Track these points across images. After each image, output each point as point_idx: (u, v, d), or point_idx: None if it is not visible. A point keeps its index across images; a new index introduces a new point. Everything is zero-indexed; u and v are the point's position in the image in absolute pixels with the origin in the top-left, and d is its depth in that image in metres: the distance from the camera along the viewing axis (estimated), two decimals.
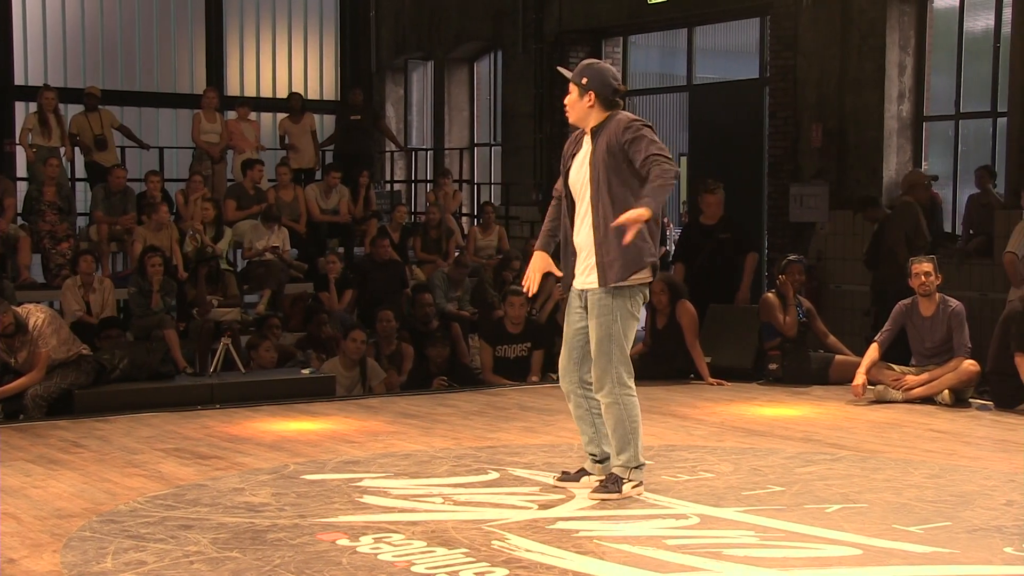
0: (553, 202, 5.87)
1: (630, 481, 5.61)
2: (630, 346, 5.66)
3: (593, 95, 5.62)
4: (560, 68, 5.89)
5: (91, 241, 12.50)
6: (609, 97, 5.63)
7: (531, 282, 5.83)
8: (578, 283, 5.69)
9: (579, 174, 5.66)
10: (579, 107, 5.66)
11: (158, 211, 12.07)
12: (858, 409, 8.37)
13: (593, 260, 5.57)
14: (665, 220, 16.73)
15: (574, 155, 5.72)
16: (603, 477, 5.74)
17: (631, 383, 5.63)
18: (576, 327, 5.73)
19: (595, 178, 5.55)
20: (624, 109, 5.76)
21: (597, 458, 5.86)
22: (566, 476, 5.93)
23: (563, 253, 5.75)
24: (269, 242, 12.47)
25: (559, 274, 5.81)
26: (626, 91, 5.64)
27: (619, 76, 5.71)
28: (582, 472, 5.89)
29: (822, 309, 10.99)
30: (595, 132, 5.63)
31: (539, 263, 5.83)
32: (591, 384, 5.69)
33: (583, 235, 5.62)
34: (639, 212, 5.28)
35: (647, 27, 16.00)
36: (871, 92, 12.46)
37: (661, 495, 5.71)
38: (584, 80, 5.63)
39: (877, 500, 5.63)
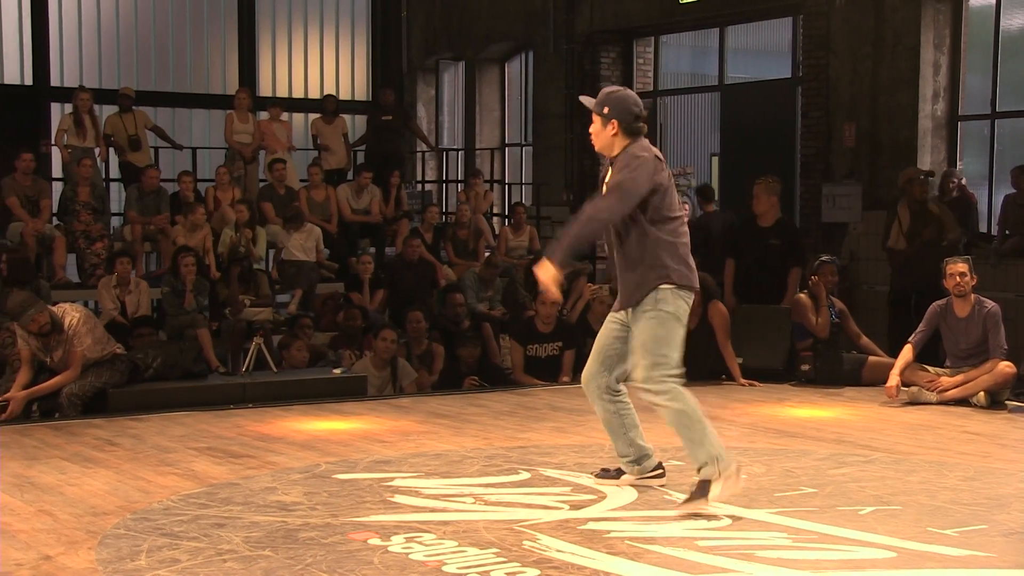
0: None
1: (720, 480, 5.37)
2: (677, 350, 5.60)
3: (616, 123, 5.58)
4: (582, 98, 5.85)
5: (125, 241, 12.58)
6: (631, 124, 5.58)
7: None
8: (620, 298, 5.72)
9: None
10: (603, 136, 5.63)
11: (194, 211, 12.14)
12: (891, 411, 8.32)
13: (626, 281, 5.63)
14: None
15: (605, 181, 5.72)
16: (646, 477, 5.85)
17: (676, 382, 5.57)
18: (614, 335, 5.75)
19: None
20: (645, 130, 5.73)
21: (632, 459, 5.88)
22: (605, 473, 5.97)
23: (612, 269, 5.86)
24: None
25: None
26: (646, 118, 5.57)
27: (640, 103, 5.65)
28: (620, 471, 5.92)
29: (855, 310, 10.93)
30: (615, 161, 5.64)
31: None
32: (618, 391, 5.79)
33: (617, 260, 5.68)
34: (542, 272, 5.43)
35: (678, 27, 15.97)
36: (905, 91, 12.39)
37: None
38: (606, 109, 5.60)
39: (911, 502, 5.59)
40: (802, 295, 9.81)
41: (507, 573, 4.49)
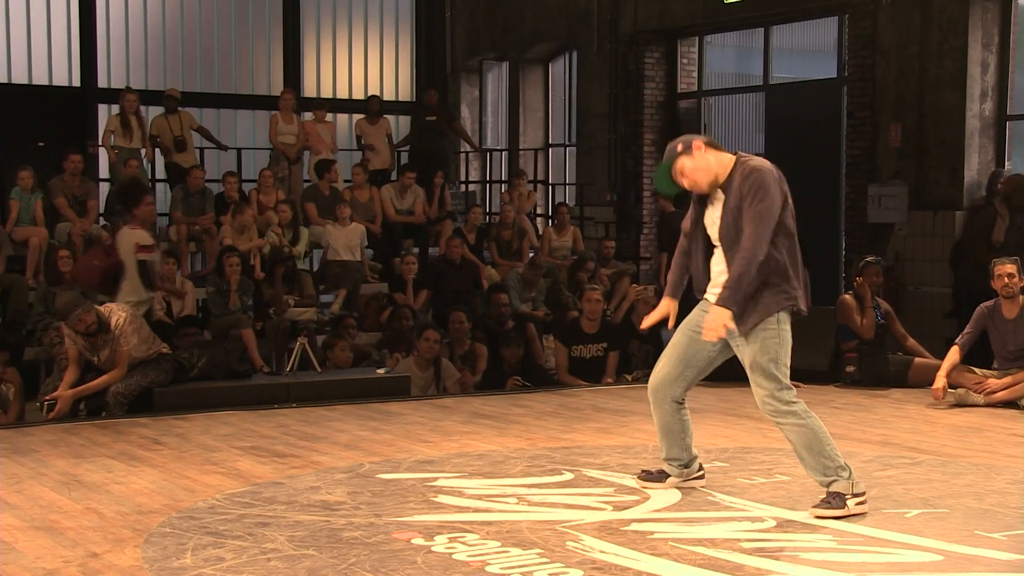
0: (682, 246, 5.81)
1: (854, 497, 5.34)
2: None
3: (698, 143, 5.47)
4: (657, 171, 5.65)
5: (170, 241, 12.68)
6: (707, 138, 5.56)
7: (649, 322, 5.94)
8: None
9: (713, 225, 5.58)
10: (701, 163, 5.46)
11: (242, 212, 12.20)
12: (938, 413, 8.25)
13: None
14: None
15: (708, 204, 5.60)
16: (689, 480, 5.82)
17: (799, 400, 5.47)
18: (706, 351, 5.60)
19: (726, 229, 5.49)
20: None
21: (683, 462, 5.83)
22: (647, 475, 5.92)
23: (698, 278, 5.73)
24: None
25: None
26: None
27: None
28: (663, 473, 5.87)
29: (900, 311, 10.84)
30: (728, 184, 5.47)
31: (665, 309, 5.84)
32: (683, 403, 5.72)
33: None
34: (719, 321, 5.36)
35: (723, 27, 15.90)
36: (952, 91, 12.27)
37: (737, 497, 5.67)
38: (679, 147, 5.48)
39: (958, 505, 5.54)
40: (847, 296, 9.74)
41: (550, 574, 4.49)
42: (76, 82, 17.08)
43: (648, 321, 5.92)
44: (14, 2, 16.63)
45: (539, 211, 16.89)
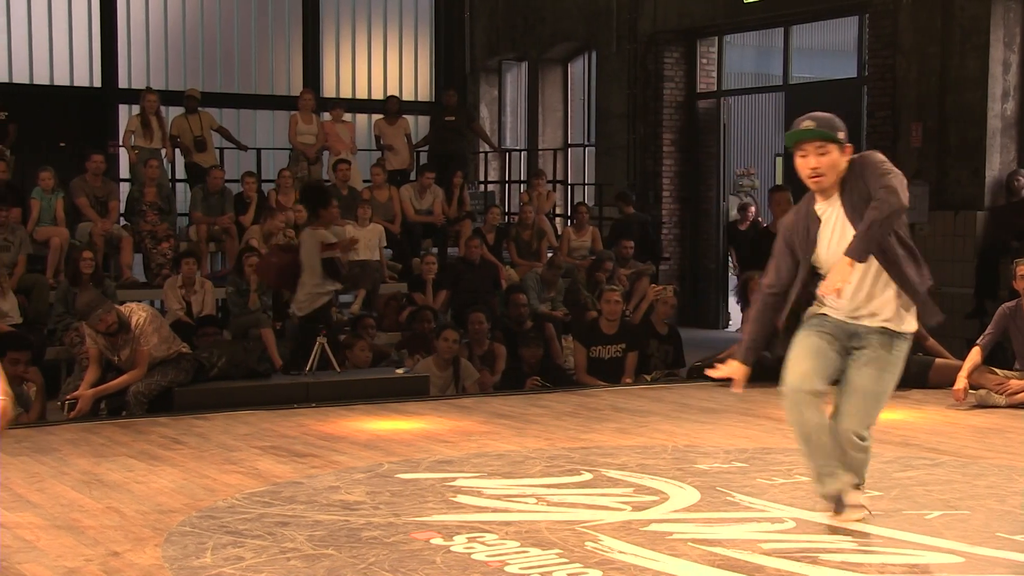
0: (766, 301, 5.12)
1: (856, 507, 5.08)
2: None
3: (850, 148, 4.87)
4: (805, 126, 4.86)
5: (190, 241, 12.72)
6: None
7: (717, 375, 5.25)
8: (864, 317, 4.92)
9: (839, 246, 4.80)
10: (839, 165, 4.82)
11: (273, 218, 12.19)
12: (959, 413, 8.21)
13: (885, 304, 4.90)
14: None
15: (818, 230, 4.89)
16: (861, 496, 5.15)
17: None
18: (833, 349, 4.95)
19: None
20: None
21: (842, 472, 5.10)
22: (837, 504, 5.11)
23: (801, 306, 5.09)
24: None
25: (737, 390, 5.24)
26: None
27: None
28: (843, 501, 5.09)
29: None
30: (845, 185, 4.84)
31: (737, 375, 5.18)
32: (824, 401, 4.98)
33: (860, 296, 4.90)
34: (841, 270, 4.66)
35: (742, 26, 15.88)
36: (973, 90, 12.22)
37: (756, 498, 5.66)
38: (841, 134, 4.83)
39: (979, 507, 5.51)
40: None
41: (569, 574, 4.48)
42: (97, 83, 17.17)
43: (716, 374, 5.30)
44: (36, 3, 16.73)
45: (558, 211, 16.89)
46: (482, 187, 18.39)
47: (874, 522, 5.22)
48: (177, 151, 14.03)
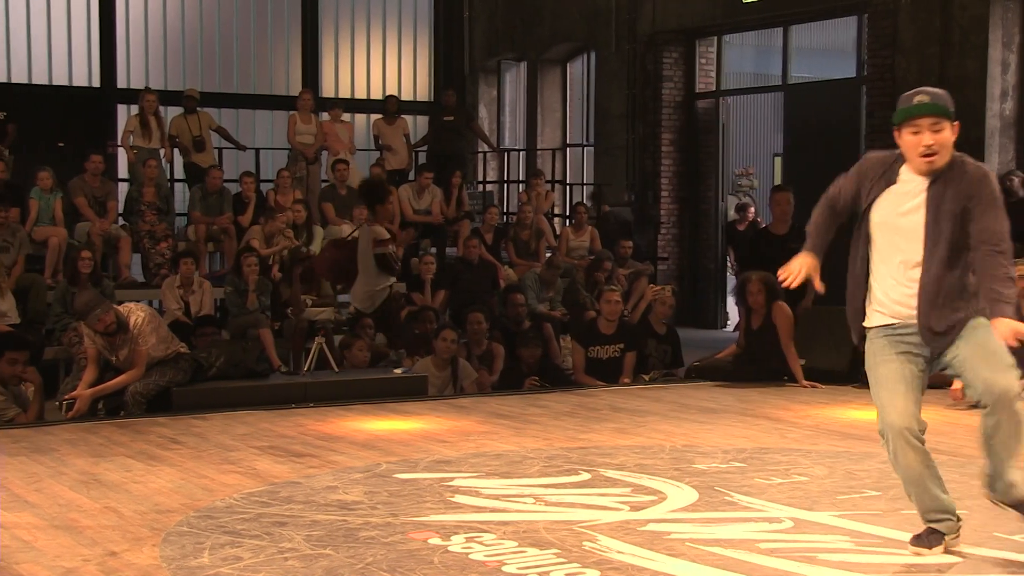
0: (824, 212, 4.96)
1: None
2: None
3: (958, 126, 4.62)
4: (920, 101, 4.57)
5: (188, 241, 12.72)
6: None
7: (797, 279, 4.93)
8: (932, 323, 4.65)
9: (899, 216, 4.66)
10: (950, 144, 4.59)
11: (274, 219, 12.19)
12: (956, 413, 8.20)
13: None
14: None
15: (887, 187, 4.69)
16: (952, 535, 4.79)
17: None
18: (918, 374, 4.72)
19: (932, 229, 4.61)
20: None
21: (951, 511, 4.79)
22: (917, 540, 4.79)
23: (856, 293, 4.90)
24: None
25: (819, 288, 4.96)
26: None
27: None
28: (937, 533, 4.77)
29: None
30: (936, 175, 4.61)
31: (812, 263, 4.94)
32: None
33: (896, 285, 4.71)
34: (1014, 326, 4.54)
35: (742, 26, 15.89)
36: (972, 90, 12.22)
37: (754, 498, 5.66)
38: (952, 112, 4.59)
39: (976, 507, 5.50)
40: None
41: (567, 574, 4.49)
42: (96, 82, 17.16)
43: (796, 280, 4.93)
44: (35, 2, 16.73)
45: (557, 211, 16.89)
46: (481, 187, 18.39)
47: (872, 521, 5.22)
48: (176, 151, 14.03)
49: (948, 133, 4.55)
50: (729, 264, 16.52)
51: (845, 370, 9.61)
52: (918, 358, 4.71)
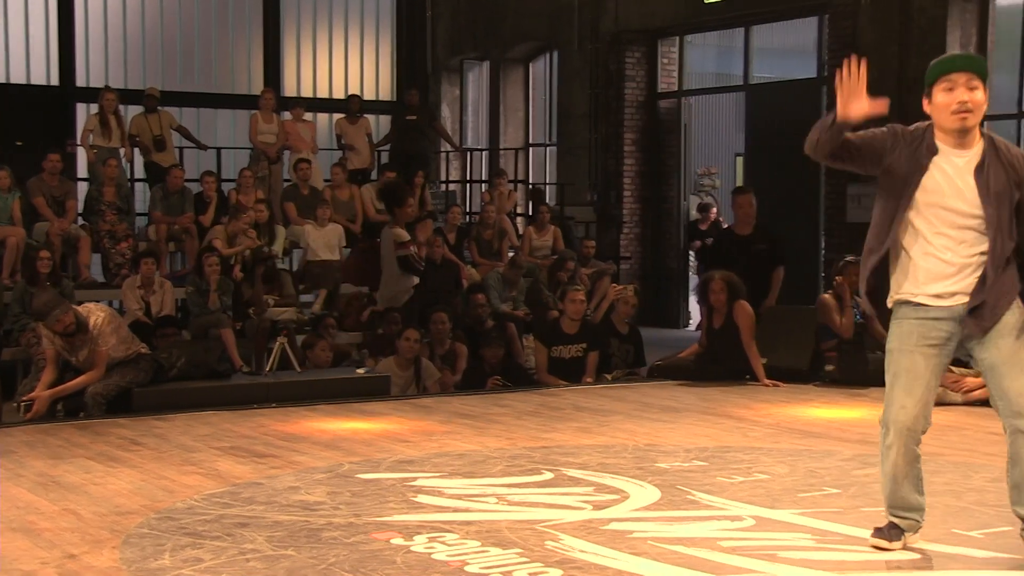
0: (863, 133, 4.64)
1: None
2: None
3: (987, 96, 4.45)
4: (956, 54, 4.47)
5: (149, 241, 12.64)
6: None
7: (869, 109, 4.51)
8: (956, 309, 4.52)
9: (947, 196, 4.47)
10: (983, 111, 4.45)
11: (238, 219, 12.13)
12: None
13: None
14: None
15: (928, 164, 4.50)
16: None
17: None
18: (939, 369, 4.64)
19: (992, 210, 4.42)
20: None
21: (921, 511, 4.80)
22: (878, 532, 4.80)
23: (898, 270, 4.64)
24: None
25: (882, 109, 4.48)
26: None
27: None
28: (897, 529, 4.77)
29: (880, 312, 10.87)
30: (972, 147, 4.45)
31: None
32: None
33: (948, 266, 4.50)
34: None
35: (704, 26, 15.95)
36: None
37: (716, 496, 5.68)
38: (987, 74, 4.42)
39: (936, 504, 5.55)
40: (827, 296, 9.77)
41: (530, 573, 4.48)
42: (55, 81, 17.02)
43: (868, 109, 4.55)
44: None
45: (519, 211, 16.90)
46: (444, 187, 18.38)
47: (833, 519, 5.26)
48: (136, 150, 13.93)
49: (983, 96, 4.39)
50: (691, 263, 16.59)
51: (806, 369, 9.68)
52: (945, 347, 4.57)
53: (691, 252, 16.45)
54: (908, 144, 4.55)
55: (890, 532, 4.75)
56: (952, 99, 4.40)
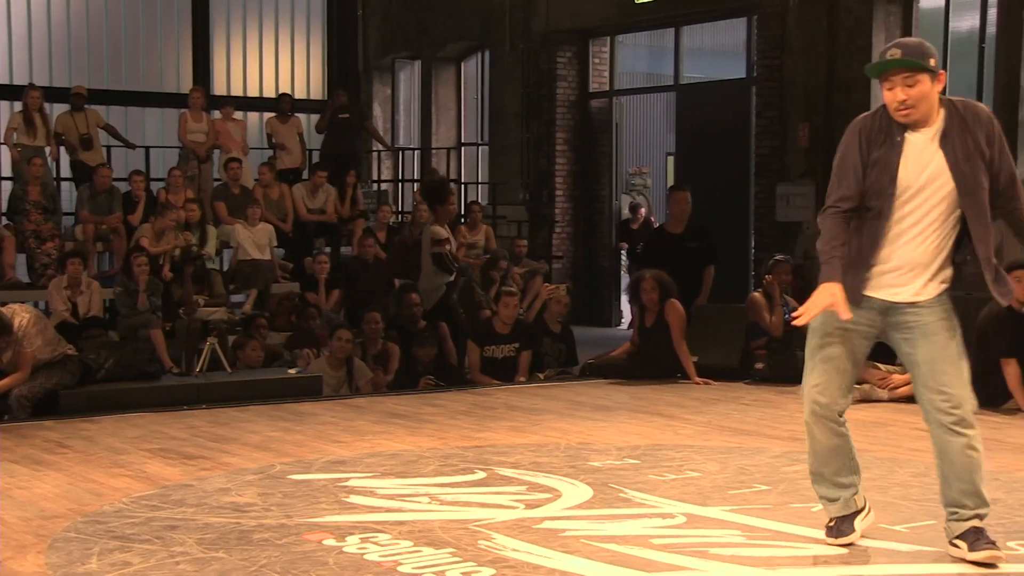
0: (842, 217, 4.52)
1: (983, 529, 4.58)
2: None
3: (944, 76, 4.46)
4: (891, 55, 4.40)
5: (76, 241, 12.47)
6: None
7: (809, 316, 4.51)
8: (902, 295, 4.55)
9: (916, 178, 4.47)
10: (932, 96, 4.42)
11: (164, 216, 12.00)
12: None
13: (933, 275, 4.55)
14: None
15: (890, 156, 4.48)
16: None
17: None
18: (862, 348, 4.66)
19: (963, 185, 4.43)
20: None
21: (855, 492, 4.84)
22: (836, 532, 4.83)
23: (857, 265, 4.55)
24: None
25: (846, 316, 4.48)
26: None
27: None
28: (853, 516, 4.81)
29: None
30: (939, 126, 4.48)
31: (839, 296, 4.47)
32: (844, 419, 4.76)
33: (920, 252, 4.51)
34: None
35: (635, 27, 16.03)
36: (858, 91, 12.48)
37: (648, 494, 5.71)
38: (932, 61, 4.39)
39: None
40: (756, 294, 9.87)
41: (462, 573, 4.49)
42: None
43: (807, 317, 4.51)
44: None
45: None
46: (375, 186, 18.31)
47: (763, 515, 5.31)
48: (62, 149, 13.73)
49: (926, 85, 4.39)
50: (623, 263, 16.68)
51: (736, 366, 9.77)
52: (861, 326, 4.58)
53: (622, 252, 16.54)
54: (875, 137, 4.54)
55: (840, 527, 4.82)
56: (893, 98, 4.46)
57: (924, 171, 4.46)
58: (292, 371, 9.69)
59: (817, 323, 4.61)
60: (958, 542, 4.57)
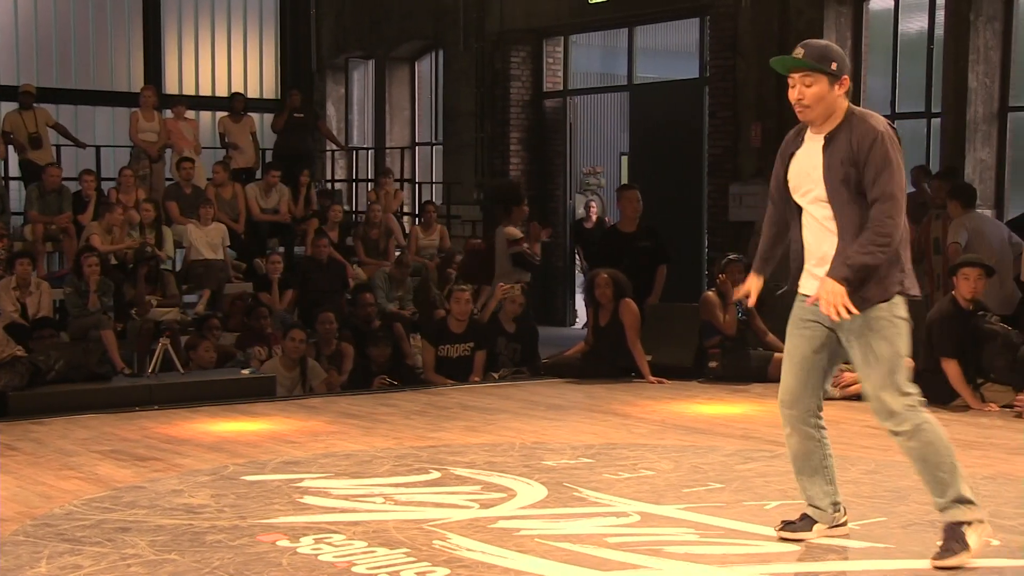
0: (770, 209, 4.92)
1: (971, 525, 4.53)
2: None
3: (847, 81, 4.61)
4: (794, 55, 4.60)
5: (26, 241, 12.34)
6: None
7: (738, 296, 5.15)
8: (808, 288, 4.76)
9: (804, 177, 4.67)
10: (829, 99, 4.55)
11: (111, 212, 11.91)
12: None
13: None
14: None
15: (793, 153, 4.73)
16: (835, 526, 4.90)
17: (925, 408, 4.61)
18: (815, 345, 4.76)
19: (832, 188, 4.56)
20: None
21: (831, 501, 4.90)
22: (789, 526, 4.94)
23: (796, 258, 4.82)
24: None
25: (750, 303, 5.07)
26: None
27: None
28: (809, 519, 4.91)
29: (761, 308, 11.07)
30: (831, 130, 4.60)
31: (755, 286, 5.02)
32: (821, 417, 4.87)
33: (826, 246, 4.64)
34: (831, 286, 4.49)
35: (588, 27, 16.06)
36: None
37: (602, 493, 5.73)
38: (834, 65, 4.54)
39: None
40: (710, 293, 9.92)
41: (417, 573, 4.48)
42: None
43: (740, 295, 5.11)
44: None
45: (406, 210, 16.85)
46: (329, 186, 18.24)
47: (716, 513, 5.34)
48: (11, 148, 13.58)
49: (823, 87, 4.54)
50: (577, 262, 16.71)
51: (690, 365, 9.82)
52: (811, 327, 4.75)
53: (577, 252, 16.57)
54: (789, 147, 4.82)
55: (803, 522, 4.89)
56: (791, 95, 4.64)
57: (812, 172, 4.63)
58: (245, 372, 9.64)
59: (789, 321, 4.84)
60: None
